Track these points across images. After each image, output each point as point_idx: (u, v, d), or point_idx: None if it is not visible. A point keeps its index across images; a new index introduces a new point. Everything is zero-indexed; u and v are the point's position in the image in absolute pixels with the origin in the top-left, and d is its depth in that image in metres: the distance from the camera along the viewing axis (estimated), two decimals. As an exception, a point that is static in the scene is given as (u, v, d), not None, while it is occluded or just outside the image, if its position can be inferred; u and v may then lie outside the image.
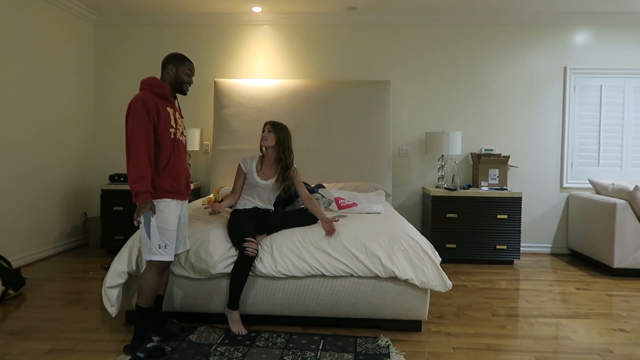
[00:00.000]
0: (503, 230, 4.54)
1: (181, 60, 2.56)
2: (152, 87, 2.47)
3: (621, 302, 3.45)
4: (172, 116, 2.53)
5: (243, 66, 5.17)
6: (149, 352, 2.38)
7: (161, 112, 2.45)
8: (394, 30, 5.09)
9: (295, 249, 2.76)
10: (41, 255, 4.47)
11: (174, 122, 2.52)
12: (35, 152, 4.36)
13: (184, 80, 2.57)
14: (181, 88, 2.58)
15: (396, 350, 2.53)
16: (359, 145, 4.83)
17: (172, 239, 2.47)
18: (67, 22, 4.78)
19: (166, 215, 2.44)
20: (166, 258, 2.45)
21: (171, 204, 2.47)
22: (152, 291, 2.46)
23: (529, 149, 5.06)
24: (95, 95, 5.26)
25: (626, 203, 4.12)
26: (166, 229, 2.44)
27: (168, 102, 2.54)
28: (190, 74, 2.59)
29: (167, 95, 2.51)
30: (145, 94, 2.43)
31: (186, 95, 2.65)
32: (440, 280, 2.72)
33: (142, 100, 2.39)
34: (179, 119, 2.61)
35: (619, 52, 4.97)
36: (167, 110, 2.50)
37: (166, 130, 2.47)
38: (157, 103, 2.45)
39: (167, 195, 2.46)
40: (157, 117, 2.43)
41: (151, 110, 2.39)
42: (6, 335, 2.70)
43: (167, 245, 2.44)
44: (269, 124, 3.01)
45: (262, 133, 3.00)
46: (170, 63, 2.55)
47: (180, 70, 2.54)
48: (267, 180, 2.98)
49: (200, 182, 5.22)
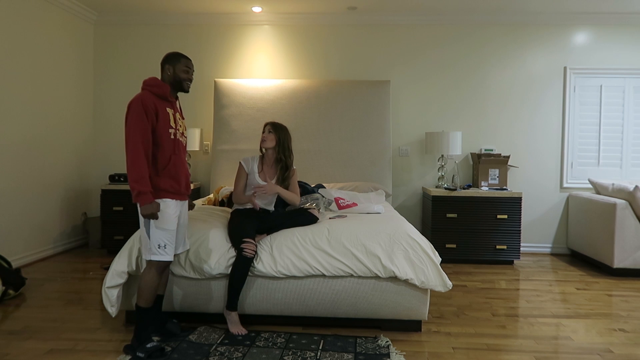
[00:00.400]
0: (503, 230, 4.54)
1: (177, 58, 2.54)
2: (152, 88, 2.48)
3: (621, 302, 3.45)
4: (172, 117, 2.52)
5: (243, 66, 5.17)
6: (148, 352, 2.38)
7: (160, 113, 2.45)
8: (394, 30, 5.09)
9: (295, 249, 2.76)
10: (41, 255, 4.47)
11: (173, 123, 2.51)
12: (35, 152, 4.36)
13: (183, 77, 2.54)
14: (181, 86, 2.57)
15: (396, 350, 2.53)
16: (359, 145, 4.83)
17: (171, 239, 2.47)
18: (67, 22, 4.78)
19: (166, 215, 2.44)
20: (166, 258, 2.45)
21: (171, 204, 2.47)
22: (152, 291, 2.46)
23: (529, 149, 5.06)
24: (95, 95, 5.26)
25: (626, 203, 4.12)
26: (166, 229, 2.44)
27: (168, 103, 2.53)
28: (188, 70, 2.56)
29: (166, 95, 2.50)
30: (145, 94, 2.43)
31: (188, 92, 2.62)
32: (440, 280, 2.72)
33: (141, 100, 2.39)
34: (180, 120, 2.61)
35: (619, 52, 4.97)
36: (167, 110, 2.49)
37: (165, 130, 2.46)
38: (157, 103, 2.45)
39: (167, 196, 2.46)
40: (156, 118, 2.43)
41: (150, 110, 2.39)
42: (6, 335, 2.70)
43: (167, 245, 2.44)
44: (269, 124, 3.01)
45: (262, 134, 3.00)
46: (167, 63, 2.54)
47: (178, 68, 2.53)
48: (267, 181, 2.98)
49: (200, 182, 5.22)
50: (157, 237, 2.42)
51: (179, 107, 2.67)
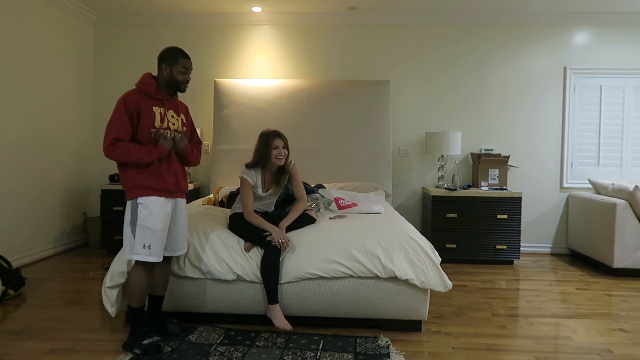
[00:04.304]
0: (503, 230, 4.55)
1: (174, 58, 2.45)
2: (140, 85, 2.43)
3: (621, 302, 3.45)
4: (160, 116, 2.43)
5: (243, 66, 5.17)
6: (145, 348, 2.38)
7: (143, 112, 2.38)
8: (394, 30, 5.09)
9: (295, 251, 2.75)
10: (41, 255, 4.47)
11: (159, 122, 2.43)
12: (35, 152, 4.36)
13: (180, 80, 2.47)
14: (178, 87, 2.50)
15: (396, 350, 2.53)
16: (359, 145, 4.83)
17: (158, 239, 2.39)
18: (67, 22, 4.78)
19: (151, 214, 2.37)
20: (150, 259, 2.37)
21: (157, 201, 2.40)
22: (142, 290, 2.43)
23: (529, 149, 5.06)
24: (95, 95, 5.26)
25: (626, 203, 4.12)
26: (152, 229, 2.37)
27: (156, 101, 2.44)
28: (186, 71, 2.48)
29: (151, 94, 2.42)
30: (131, 93, 2.40)
31: (184, 92, 2.56)
32: (440, 280, 2.72)
33: (124, 100, 2.37)
34: (174, 117, 2.52)
35: (619, 52, 4.97)
36: (153, 110, 2.41)
37: (147, 130, 2.39)
38: (141, 102, 2.38)
39: (152, 193, 2.39)
40: (138, 117, 2.38)
41: (131, 110, 2.36)
42: (6, 335, 2.70)
43: (152, 245, 2.37)
44: (282, 139, 2.93)
45: (274, 149, 2.89)
46: (163, 62, 2.46)
47: (175, 69, 2.45)
48: (269, 191, 2.99)
49: (200, 182, 5.22)
50: (142, 236, 2.36)
51: (177, 103, 2.58)
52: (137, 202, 2.39)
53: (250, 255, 2.75)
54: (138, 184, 2.39)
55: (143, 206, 2.38)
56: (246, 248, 2.76)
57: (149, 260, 2.39)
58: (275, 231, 2.74)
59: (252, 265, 2.72)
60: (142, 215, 2.37)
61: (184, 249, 2.64)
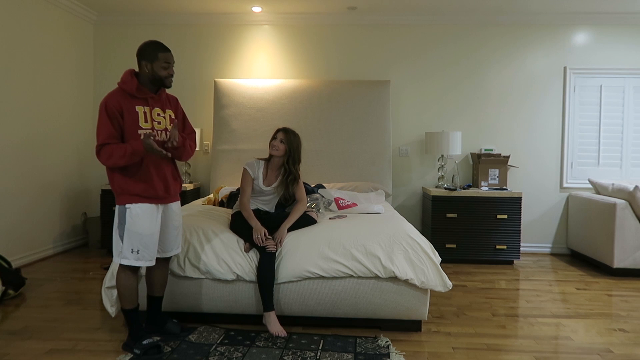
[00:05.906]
0: (503, 230, 4.54)
1: (154, 53, 2.33)
2: (121, 84, 2.35)
3: (621, 302, 3.45)
4: (144, 115, 2.34)
5: (243, 66, 5.17)
6: (144, 348, 2.38)
7: (126, 113, 2.29)
8: (394, 30, 5.09)
9: (295, 251, 2.75)
10: (41, 255, 4.47)
11: (144, 122, 2.33)
12: (35, 152, 4.36)
13: (162, 75, 2.35)
14: (162, 83, 2.38)
15: (396, 350, 2.53)
16: (359, 145, 4.83)
17: (147, 244, 2.35)
18: (67, 22, 4.78)
19: (139, 220, 2.32)
20: (139, 263, 2.34)
21: (145, 208, 2.34)
22: (131, 292, 2.41)
23: (529, 149, 5.06)
24: (95, 95, 5.26)
25: (626, 203, 4.12)
26: (140, 234, 2.32)
27: (139, 100, 2.35)
28: (168, 65, 2.35)
29: (133, 93, 2.32)
30: (111, 95, 2.32)
31: (170, 87, 2.44)
32: (440, 280, 2.72)
33: (105, 103, 2.29)
34: (160, 116, 2.40)
35: (619, 52, 4.97)
36: (136, 109, 2.32)
37: (134, 131, 2.31)
38: (123, 103, 2.30)
39: (141, 200, 2.33)
40: (122, 118, 2.29)
41: (114, 112, 2.27)
42: (6, 335, 2.70)
43: (140, 250, 2.33)
44: (281, 132, 2.93)
45: (272, 140, 2.93)
46: (143, 59, 2.34)
47: (156, 65, 2.33)
48: (271, 186, 2.98)
49: (200, 182, 5.22)
50: (130, 241, 2.32)
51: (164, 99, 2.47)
52: (125, 207, 2.34)
53: (250, 255, 2.75)
54: (126, 190, 2.33)
55: (131, 212, 2.33)
56: (246, 249, 2.76)
57: (138, 265, 2.36)
58: (257, 229, 2.74)
59: (252, 265, 2.72)
60: (130, 221, 2.32)
61: (176, 250, 2.61)
